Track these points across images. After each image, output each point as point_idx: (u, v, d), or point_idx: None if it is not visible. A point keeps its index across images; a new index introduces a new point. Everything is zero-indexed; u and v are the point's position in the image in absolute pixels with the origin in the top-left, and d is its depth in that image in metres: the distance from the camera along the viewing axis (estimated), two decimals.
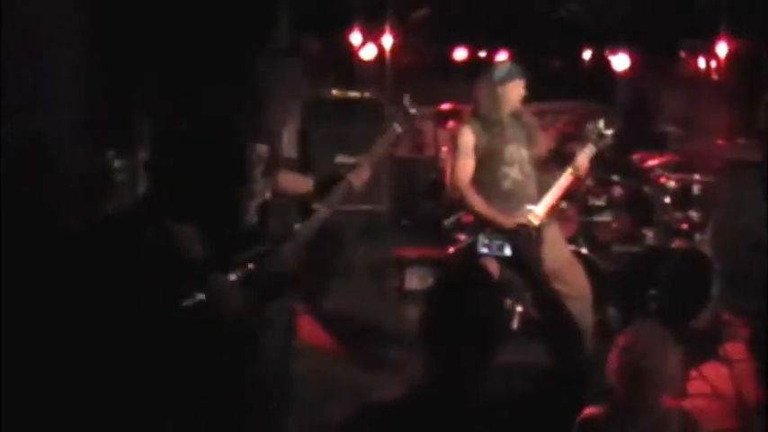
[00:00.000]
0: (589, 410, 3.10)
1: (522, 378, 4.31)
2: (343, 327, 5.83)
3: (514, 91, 4.82)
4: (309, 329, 5.97)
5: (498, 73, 4.81)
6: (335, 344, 5.69)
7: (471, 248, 4.67)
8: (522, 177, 4.81)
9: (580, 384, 3.81)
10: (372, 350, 5.60)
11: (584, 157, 4.80)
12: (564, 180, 4.79)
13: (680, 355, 3.06)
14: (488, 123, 4.80)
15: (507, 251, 4.41)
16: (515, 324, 5.93)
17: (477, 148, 4.77)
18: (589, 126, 4.87)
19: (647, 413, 2.97)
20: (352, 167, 4.91)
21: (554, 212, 4.89)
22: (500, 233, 4.50)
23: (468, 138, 4.79)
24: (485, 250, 4.48)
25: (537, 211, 4.69)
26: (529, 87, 5.02)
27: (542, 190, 4.88)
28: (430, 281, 6.45)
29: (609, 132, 4.82)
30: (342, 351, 5.57)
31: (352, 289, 6.44)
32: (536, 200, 4.76)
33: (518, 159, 4.81)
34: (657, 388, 2.97)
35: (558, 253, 4.88)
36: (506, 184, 4.77)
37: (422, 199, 7.60)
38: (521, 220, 4.63)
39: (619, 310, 6.15)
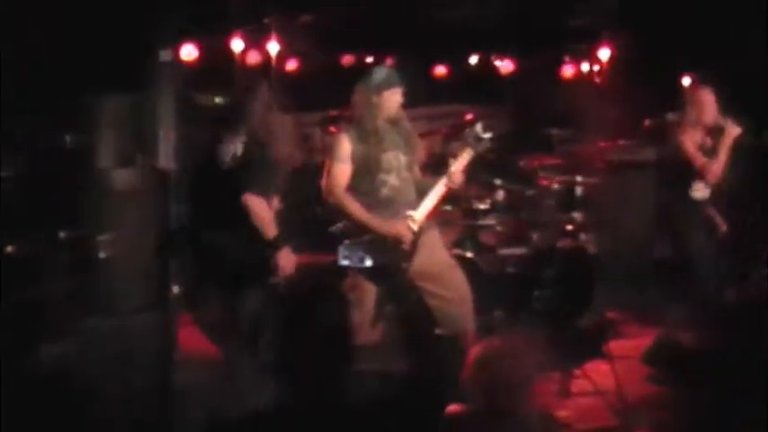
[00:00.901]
0: (453, 408, 3.10)
1: (402, 382, 4.29)
2: (228, 336, 5.72)
3: (392, 98, 4.78)
4: (193, 339, 5.85)
5: (375, 80, 4.77)
6: (219, 354, 5.58)
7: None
8: (400, 184, 4.78)
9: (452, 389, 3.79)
10: (260, 359, 5.51)
11: (462, 161, 4.80)
12: (442, 185, 4.78)
13: (538, 362, 3.06)
14: (366, 130, 4.75)
15: (368, 262, 4.40)
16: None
17: (354, 156, 4.72)
18: (467, 130, 4.87)
19: (506, 417, 2.97)
20: None
21: (433, 217, 4.88)
22: (362, 243, 4.50)
23: (344, 145, 4.74)
24: (345, 261, 4.47)
25: (416, 217, 4.67)
26: (415, 92, 5.01)
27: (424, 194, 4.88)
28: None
29: (487, 136, 4.84)
30: (226, 361, 5.45)
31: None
32: (415, 206, 4.74)
33: (396, 166, 4.78)
34: (516, 396, 2.98)
35: (438, 257, 4.87)
36: (384, 191, 4.74)
37: (309, 205, 7.53)
38: (399, 225, 4.61)
39: (505, 312, 6.20)
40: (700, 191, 5.41)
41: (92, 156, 4.45)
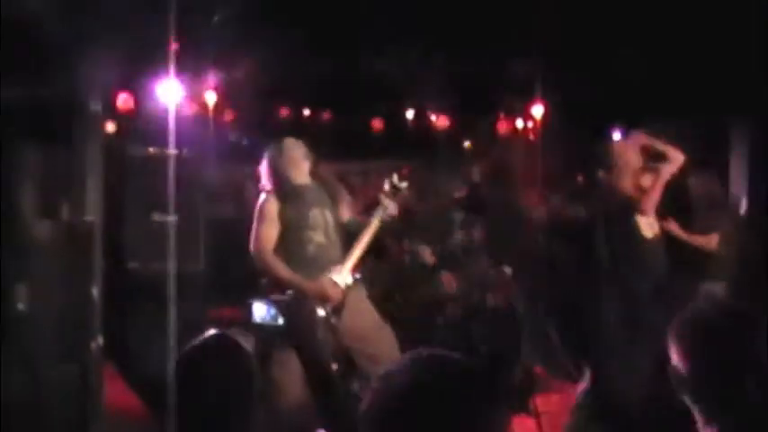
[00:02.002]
0: None
1: None
2: (155, 391, 5.65)
3: (301, 157, 4.90)
4: (118, 393, 5.76)
5: (285, 146, 4.91)
6: (145, 409, 5.50)
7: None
8: (326, 241, 4.81)
9: None
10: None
11: (381, 212, 4.84)
12: (365, 239, 4.81)
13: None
14: (289, 189, 4.82)
15: (280, 321, 4.42)
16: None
17: (281, 215, 4.78)
18: (385, 181, 4.94)
19: None
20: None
21: (361, 270, 4.92)
22: (278, 304, 4.52)
23: (271, 205, 4.79)
24: (258, 320, 4.49)
25: (342, 271, 4.70)
26: (352, 147, 5.11)
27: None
28: (249, 341, 6.36)
29: (403, 185, 4.90)
30: (151, 417, 5.37)
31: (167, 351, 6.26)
32: (341, 262, 4.77)
33: (322, 223, 4.81)
34: None
35: (364, 316, 4.88)
36: (311, 249, 4.76)
37: (241, 258, 7.51)
38: (326, 285, 4.63)
39: None
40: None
41: (14, 207, 4.40)
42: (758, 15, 6.07)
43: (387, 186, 4.87)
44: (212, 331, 2.47)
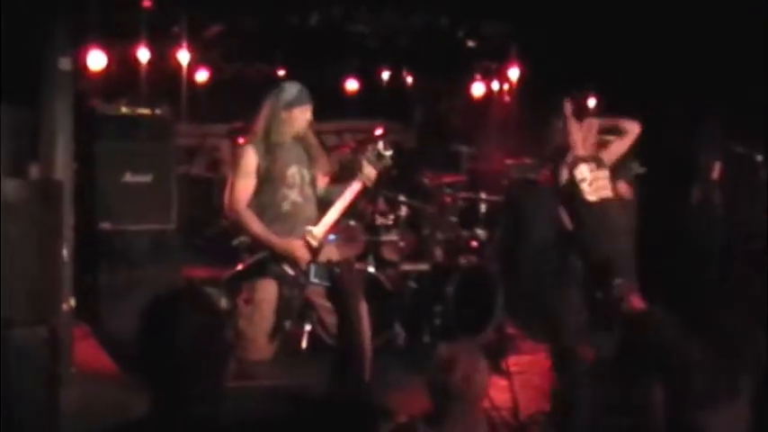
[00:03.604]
0: (400, 420, 3.21)
1: (300, 398, 4.30)
2: (127, 351, 5.64)
3: (301, 116, 4.78)
4: (90, 353, 5.76)
5: (285, 96, 4.76)
6: (118, 369, 5.50)
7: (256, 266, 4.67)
8: (301, 200, 4.77)
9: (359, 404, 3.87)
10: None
11: (363, 177, 4.80)
12: (345, 204, 4.78)
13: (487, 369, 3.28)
14: (271, 145, 4.75)
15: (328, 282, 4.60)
16: (304, 344, 5.96)
17: (258, 170, 4.73)
18: (369, 147, 4.89)
19: (460, 422, 3.12)
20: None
21: (335, 231, 4.92)
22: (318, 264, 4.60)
23: (250, 159, 4.72)
24: (316, 280, 4.58)
25: (315, 232, 4.68)
26: (325, 106, 5.07)
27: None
28: (222, 301, 6.38)
29: (388, 153, 4.86)
30: (124, 377, 5.37)
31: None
32: (315, 222, 4.74)
33: (299, 182, 4.78)
34: (471, 402, 3.16)
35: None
36: (285, 206, 4.73)
37: (215, 218, 7.48)
38: (297, 245, 4.61)
39: (405, 326, 6.26)
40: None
41: None
42: None
43: (371, 152, 4.83)
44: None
